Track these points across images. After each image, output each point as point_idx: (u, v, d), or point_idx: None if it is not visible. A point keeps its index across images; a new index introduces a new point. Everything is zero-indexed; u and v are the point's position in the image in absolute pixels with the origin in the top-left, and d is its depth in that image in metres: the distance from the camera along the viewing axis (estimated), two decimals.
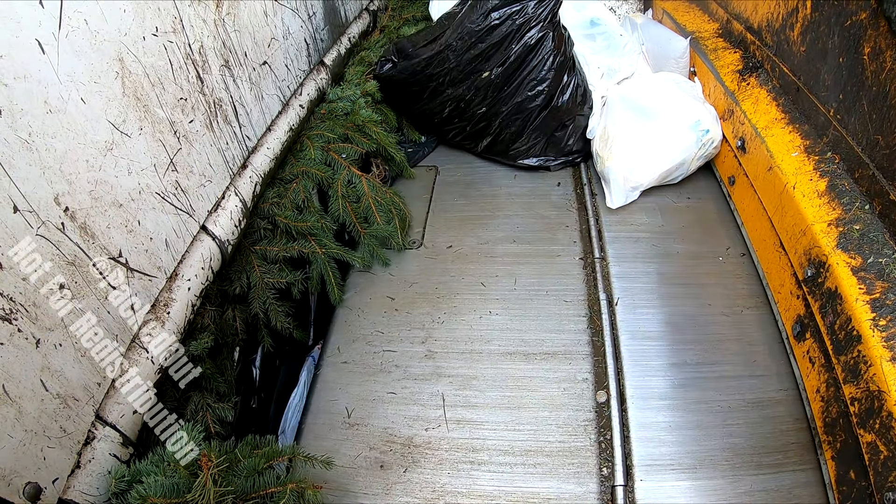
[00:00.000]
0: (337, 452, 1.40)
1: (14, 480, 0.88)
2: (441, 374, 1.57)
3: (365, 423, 1.47)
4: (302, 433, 1.50)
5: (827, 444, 1.27)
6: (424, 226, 2.09)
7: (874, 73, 1.29)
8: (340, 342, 1.69)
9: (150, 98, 1.21)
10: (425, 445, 1.41)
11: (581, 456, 1.36)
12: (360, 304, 1.80)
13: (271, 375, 1.93)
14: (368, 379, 1.58)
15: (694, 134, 2.02)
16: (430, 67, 2.23)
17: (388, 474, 1.36)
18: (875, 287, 1.17)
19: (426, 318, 1.73)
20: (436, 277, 1.86)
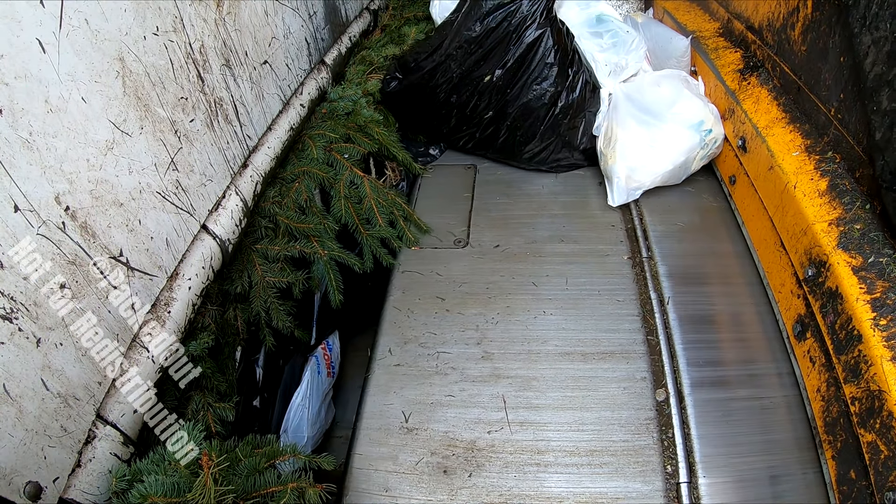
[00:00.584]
0: (396, 459, 1.37)
1: (15, 479, 0.89)
2: (500, 375, 1.55)
3: (424, 428, 1.44)
4: (357, 439, 1.45)
5: (827, 443, 1.27)
6: (469, 225, 2.07)
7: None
8: (391, 344, 1.66)
9: (150, 97, 1.21)
10: (489, 449, 1.39)
11: (645, 454, 1.36)
12: (409, 304, 1.77)
13: (275, 375, 1.93)
14: (424, 382, 1.55)
15: (697, 135, 2.02)
16: (434, 79, 2.23)
17: (453, 480, 1.34)
18: (876, 287, 1.17)
19: (479, 318, 1.70)
20: (485, 277, 1.84)
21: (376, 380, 1.58)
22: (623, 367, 1.54)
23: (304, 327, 1.86)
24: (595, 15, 2.38)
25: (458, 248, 1.97)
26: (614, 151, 2.09)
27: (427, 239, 2.01)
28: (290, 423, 1.97)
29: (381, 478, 1.33)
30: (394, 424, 1.46)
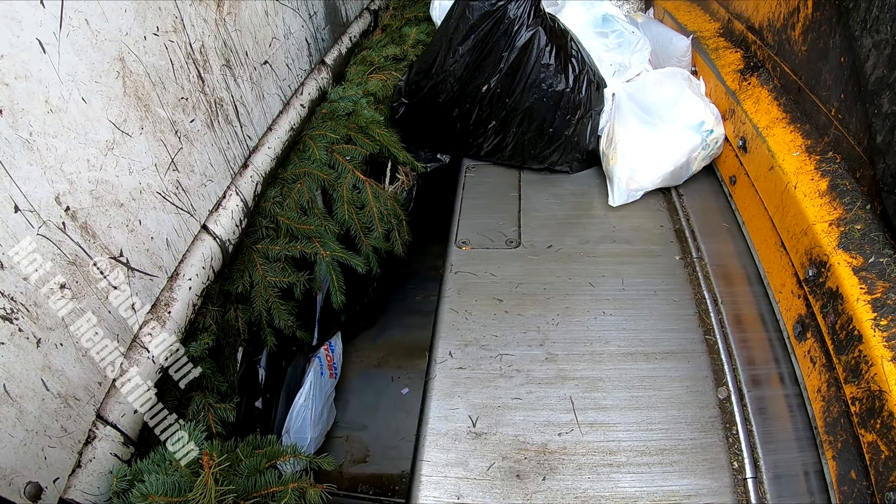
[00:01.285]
0: (466, 465, 1.35)
1: (15, 480, 0.89)
2: (565, 376, 1.54)
3: (493, 432, 1.42)
4: (422, 445, 1.42)
5: (828, 443, 1.27)
6: (519, 225, 2.05)
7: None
8: (451, 347, 1.63)
9: (151, 97, 1.21)
10: (561, 451, 1.37)
11: (712, 452, 1.36)
12: (465, 306, 1.75)
13: (278, 376, 1.93)
14: (489, 385, 1.53)
15: (699, 135, 2.02)
16: (436, 96, 2.23)
17: (527, 484, 1.32)
18: (876, 287, 1.17)
19: (539, 319, 1.69)
20: (541, 278, 1.83)
21: (439, 384, 1.54)
22: (684, 366, 1.55)
23: (306, 328, 1.86)
24: (601, 15, 2.38)
25: (511, 248, 1.95)
26: (615, 152, 2.09)
27: (477, 239, 1.99)
28: (292, 424, 1.98)
29: (451, 485, 1.31)
30: (461, 429, 1.43)
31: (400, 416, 2.39)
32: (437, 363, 1.59)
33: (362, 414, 2.42)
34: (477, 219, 2.08)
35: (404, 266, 2.91)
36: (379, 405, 2.45)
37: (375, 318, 2.73)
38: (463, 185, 2.32)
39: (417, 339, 2.69)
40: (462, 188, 2.30)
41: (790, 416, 1.42)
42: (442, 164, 2.53)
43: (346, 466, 2.25)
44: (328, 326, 2.29)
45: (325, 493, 1.13)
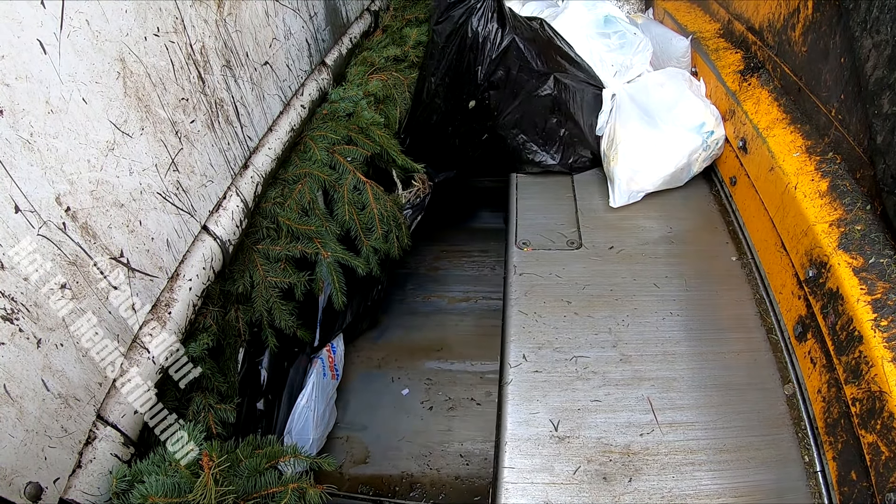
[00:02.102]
0: (552, 470, 1.34)
1: (15, 480, 0.89)
2: (641, 377, 1.54)
3: (576, 435, 1.41)
4: (504, 452, 1.41)
5: (828, 444, 1.27)
6: (578, 226, 2.05)
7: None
8: (524, 350, 1.62)
9: (151, 98, 1.21)
10: (644, 452, 1.38)
11: (784, 447, 1.38)
12: (534, 308, 1.73)
13: (279, 377, 1.93)
14: (567, 388, 1.51)
15: (699, 136, 2.02)
16: (429, 119, 2.28)
17: (614, 486, 1.32)
18: (876, 287, 1.17)
19: (609, 321, 1.69)
20: (606, 279, 1.83)
21: (516, 388, 1.52)
22: (751, 364, 1.56)
23: (308, 329, 1.86)
24: (602, 16, 2.38)
25: (572, 249, 1.94)
26: (616, 153, 2.09)
27: (537, 240, 1.98)
28: (294, 425, 1.98)
29: (538, 491, 1.31)
30: (543, 434, 1.42)
31: (400, 417, 2.39)
32: (512, 367, 1.57)
33: (362, 414, 2.42)
34: (534, 219, 2.07)
35: (404, 266, 2.92)
36: (379, 406, 2.45)
37: (378, 319, 2.73)
38: (516, 185, 2.31)
39: (418, 340, 2.70)
40: (515, 188, 2.29)
41: None
42: (449, 175, 2.55)
43: (346, 467, 2.25)
44: (330, 327, 2.30)
45: (325, 494, 1.13)
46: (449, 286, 2.96)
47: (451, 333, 2.71)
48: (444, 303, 2.87)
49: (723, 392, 1.49)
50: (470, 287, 2.94)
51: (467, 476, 2.19)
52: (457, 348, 2.64)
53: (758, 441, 1.39)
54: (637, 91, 2.18)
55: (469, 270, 3.00)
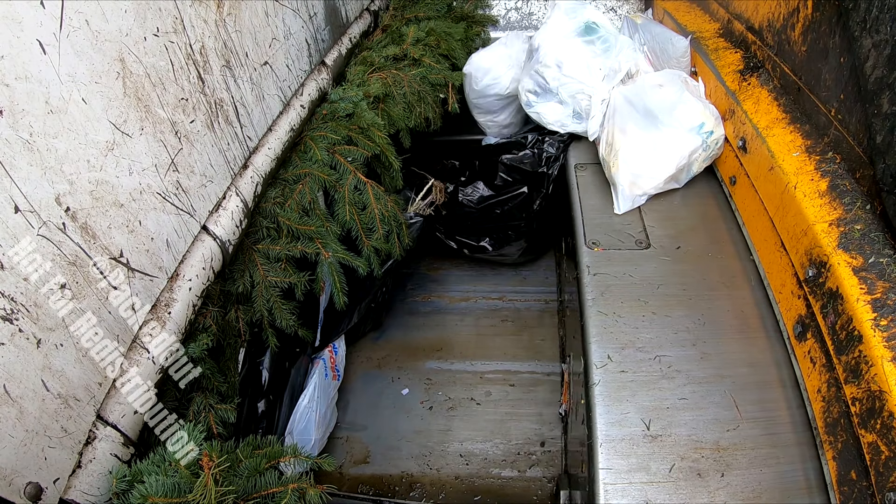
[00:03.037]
0: (648, 469, 1.36)
1: (15, 480, 0.89)
2: (722, 375, 1.55)
3: (667, 433, 1.42)
4: (599, 453, 1.41)
5: (828, 444, 1.28)
6: (644, 226, 2.05)
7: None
8: (608, 350, 1.62)
9: (151, 98, 1.21)
10: (733, 447, 1.39)
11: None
12: (613, 308, 1.74)
13: (281, 377, 1.93)
14: (653, 386, 1.53)
15: (699, 137, 2.02)
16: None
17: (708, 482, 1.33)
18: (876, 287, 1.17)
19: (686, 319, 1.69)
20: (678, 279, 1.83)
21: (604, 389, 1.53)
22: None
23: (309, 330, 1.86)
24: (584, 23, 2.39)
25: (641, 248, 1.94)
26: (617, 159, 2.09)
27: (606, 239, 1.99)
28: (296, 426, 1.98)
29: (637, 490, 1.32)
30: (636, 433, 1.43)
31: (400, 417, 2.39)
32: (598, 368, 1.57)
33: (362, 414, 2.42)
34: (599, 219, 2.07)
35: (404, 266, 2.92)
36: (379, 406, 2.45)
37: (380, 321, 2.74)
38: (577, 185, 2.30)
39: (418, 340, 2.70)
40: (577, 188, 2.29)
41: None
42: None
43: (346, 467, 2.25)
44: (332, 328, 2.30)
45: (326, 494, 1.13)
46: (449, 286, 2.96)
47: (451, 333, 2.71)
48: (444, 303, 2.88)
49: (796, 389, 1.50)
50: (470, 287, 2.94)
51: (467, 476, 2.19)
52: (457, 348, 2.64)
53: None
54: (634, 93, 2.18)
55: (469, 270, 3.00)
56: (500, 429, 2.33)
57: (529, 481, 2.16)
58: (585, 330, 1.68)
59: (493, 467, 2.21)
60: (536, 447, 2.26)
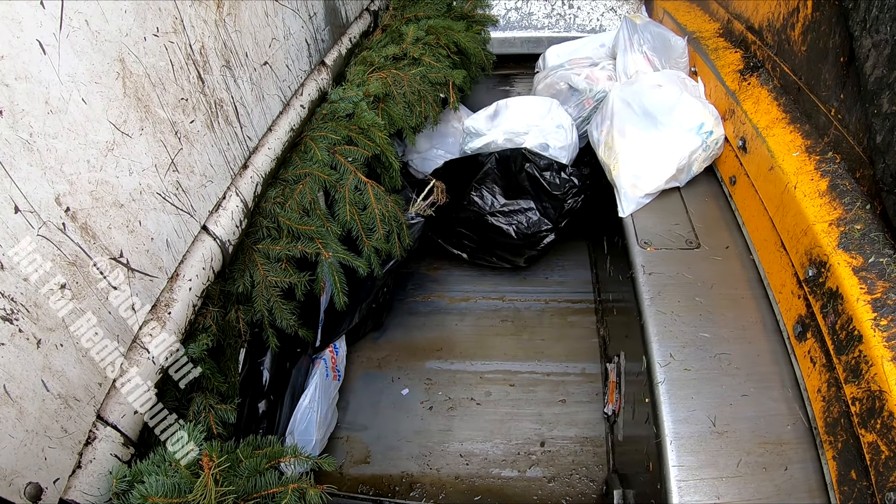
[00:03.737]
0: (717, 464, 1.39)
1: (15, 480, 0.89)
2: (780, 372, 1.57)
3: (733, 429, 1.45)
4: (669, 450, 1.43)
5: (828, 444, 1.28)
6: (692, 226, 2.06)
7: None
8: (670, 349, 1.65)
9: (150, 98, 1.21)
10: (794, 441, 1.41)
11: None
12: (671, 307, 1.76)
13: (282, 378, 1.93)
14: (716, 384, 1.55)
15: (698, 137, 2.02)
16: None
17: (773, 475, 1.36)
18: (876, 287, 1.17)
19: (742, 319, 1.71)
20: (731, 278, 1.84)
21: (670, 387, 1.55)
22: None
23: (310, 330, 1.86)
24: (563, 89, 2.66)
25: (692, 248, 1.96)
26: (617, 162, 2.09)
27: (658, 240, 2.00)
28: (296, 426, 1.98)
29: (708, 486, 1.34)
30: (704, 430, 1.45)
31: (400, 417, 2.39)
32: (661, 366, 1.59)
33: (362, 415, 2.42)
34: (649, 219, 2.08)
35: (404, 266, 2.92)
36: (379, 406, 2.45)
37: (381, 321, 2.74)
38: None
39: (418, 340, 2.70)
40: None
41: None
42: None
43: (346, 467, 2.25)
44: (333, 328, 2.30)
45: (326, 494, 1.13)
46: (449, 286, 2.96)
47: (451, 333, 2.71)
48: (444, 303, 2.88)
49: None
50: (470, 287, 2.94)
51: (467, 476, 2.19)
52: (457, 348, 2.64)
53: None
54: (632, 95, 2.18)
55: (469, 270, 3.00)
56: (500, 429, 2.33)
57: (529, 481, 2.16)
58: (645, 329, 1.70)
59: (493, 467, 2.21)
60: (536, 447, 2.26)
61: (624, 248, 2.00)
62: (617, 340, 2.22)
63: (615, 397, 2.11)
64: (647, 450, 1.58)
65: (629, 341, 1.94)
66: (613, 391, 2.12)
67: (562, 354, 2.57)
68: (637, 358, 1.75)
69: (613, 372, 2.14)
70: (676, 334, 1.67)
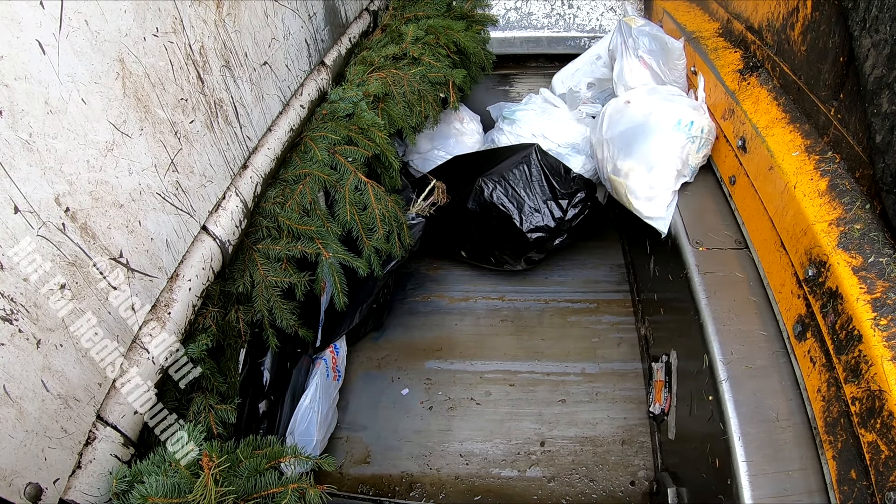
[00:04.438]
0: (782, 459, 1.41)
1: (15, 481, 0.89)
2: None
3: (794, 422, 1.46)
4: (738, 447, 1.45)
5: (828, 443, 1.28)
6: (738, 226, 2.07)
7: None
8: (731, 345, 1.67)
9: (150, 98, 1.21)
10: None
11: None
12: (727, 306, 1.78)
13: (283, 378, 1.93)
14: (775, 379, 1.56)
15: (682, 133, 2.05)
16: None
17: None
18: (876, 286, 1.17)
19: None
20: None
21: (734, 384, 1.56)
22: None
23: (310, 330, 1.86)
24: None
25: (741, 248, 1.97)
26: (628, 198, 2.13)
27: (708, 240, 2.02)
28: (297, 426, 1.98)
29: (777, 481, 1.36)
30: (769, 426, 1.47)
31: (400, 417, 2.39)
32: (724, 364, 1.61)
33: (362, 415, 2.42)
34: (698, 219, 2.10)
35: (404, 266, 2.92)
36: (379, 406, 2.45)
37: (382, 321, 2.74)
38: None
39: (417, 340, 2.70)
40: None
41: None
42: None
43: (346, 467, 2.25)
44: (333, 328, 2.30)
45: (326, 494, 1.13)
46: (449, 286, 2.96)
47: (451, 333, 2.71)
48: (444, 303, 2.87)
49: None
50: (470, 287, 2.93)
51: (467, 476, 2.19)
52: (457, 348, 2.64)
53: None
54: (608, 132, 2.23)
55: (469, 270, 3.00)
56: (499, 429, 2.32)
57: (529, 481, 2.16)
58: (705, 328, 1.71)
59: (493, 467, 2.21)
60: (536, 447, 2.26)
61: (675, 248, 2.03)
62: (665, 339, 2.22)
63: (663, 396, 2.10)
64: (711, 447, 1.59)
65: (684, 340, 1.95)
66: (661, 390, 2.12)
67: (562, 354, 2.57)
68: (695, 356, 1.76)
69: (661, 371, 2.14)
70: (735, 332, 1.68)
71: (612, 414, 2.33)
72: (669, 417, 2.04)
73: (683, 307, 1.89)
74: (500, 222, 2.59)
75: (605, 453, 2.22)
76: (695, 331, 1.76)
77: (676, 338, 2.06)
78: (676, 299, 2.04)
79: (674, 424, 2.00)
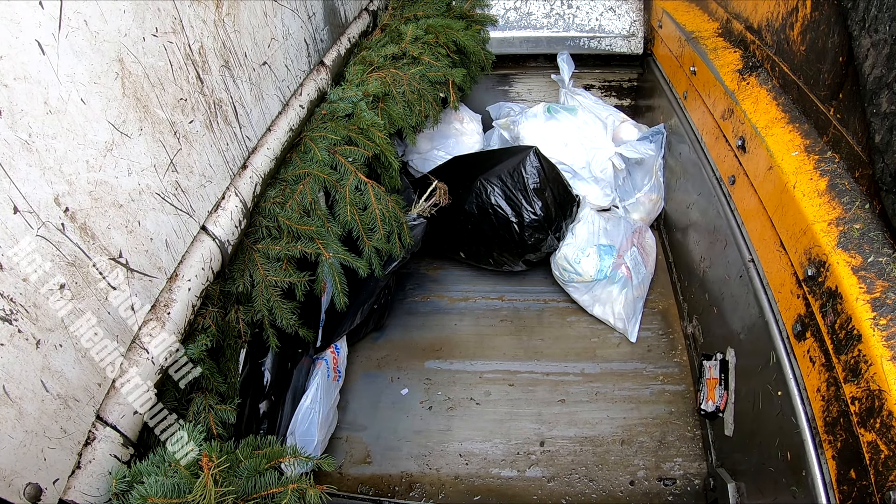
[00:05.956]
0: None
1: (15, 481, 0.89)
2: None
3: None
4: (809, 441, 1.45)
5: (827, 443, 1.28)
6: None
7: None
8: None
9: (150, 98, 1.21)
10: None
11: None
12: None
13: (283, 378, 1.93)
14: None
15: None
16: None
17: None
18: (875, 286, 1.17)
19: None
20: None
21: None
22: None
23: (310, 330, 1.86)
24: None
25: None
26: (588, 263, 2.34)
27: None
28: (298, 426, 1.98)
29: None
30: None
31: (400, 417, 2.39)
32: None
33: (362, 415, 2.42)
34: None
35: (404, 266, 2.91)
36: (379, 406, 2.44)
37: (382, 321, 2.73)
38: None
39: (417, 340, 2.70)
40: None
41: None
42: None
43: (345, 467, 2.25)
44: (334, 329, 2.29)
45: (325, 494, 1.13)
46: (448, 286, 2.96)
47: (451, 333, 2.71)
48: (444, 303, 2.87)
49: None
50: (469, 287, 2.93)
51: (467, 476, 2.19)
52: (456, 348, 2.64)
53: None
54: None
55: (468, 270, 3.00)
56: (499, 429, 2.32)
57: (529, 481, 2.16)
58: (770, 326, 1.68)
59: (492, 467, 2.21)
60: (536, 447, 2.26)
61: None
62: (720, 337, 2.20)
63: (717, 394, 2.09)
64: (781, 441, 1.57)
65: (743, 337, 1.93)
66: (714, 388, 2.11)
67: (561, 354, 2.57)
68: (758, 354, 1.74)
69: (714, 369, 2.12)
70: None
71: (612, 414, 2.33)
72: (726, 414, 2.02)
73: (744, 305, 1.86)
74: (498, 224, 2.59)
75: (604, 453, 2.22)
76: (759, 329, 1.73)
77: (734, 336, 2.03)
78: (734, 297, 2.01)
79: (731, 421, 1.99)
